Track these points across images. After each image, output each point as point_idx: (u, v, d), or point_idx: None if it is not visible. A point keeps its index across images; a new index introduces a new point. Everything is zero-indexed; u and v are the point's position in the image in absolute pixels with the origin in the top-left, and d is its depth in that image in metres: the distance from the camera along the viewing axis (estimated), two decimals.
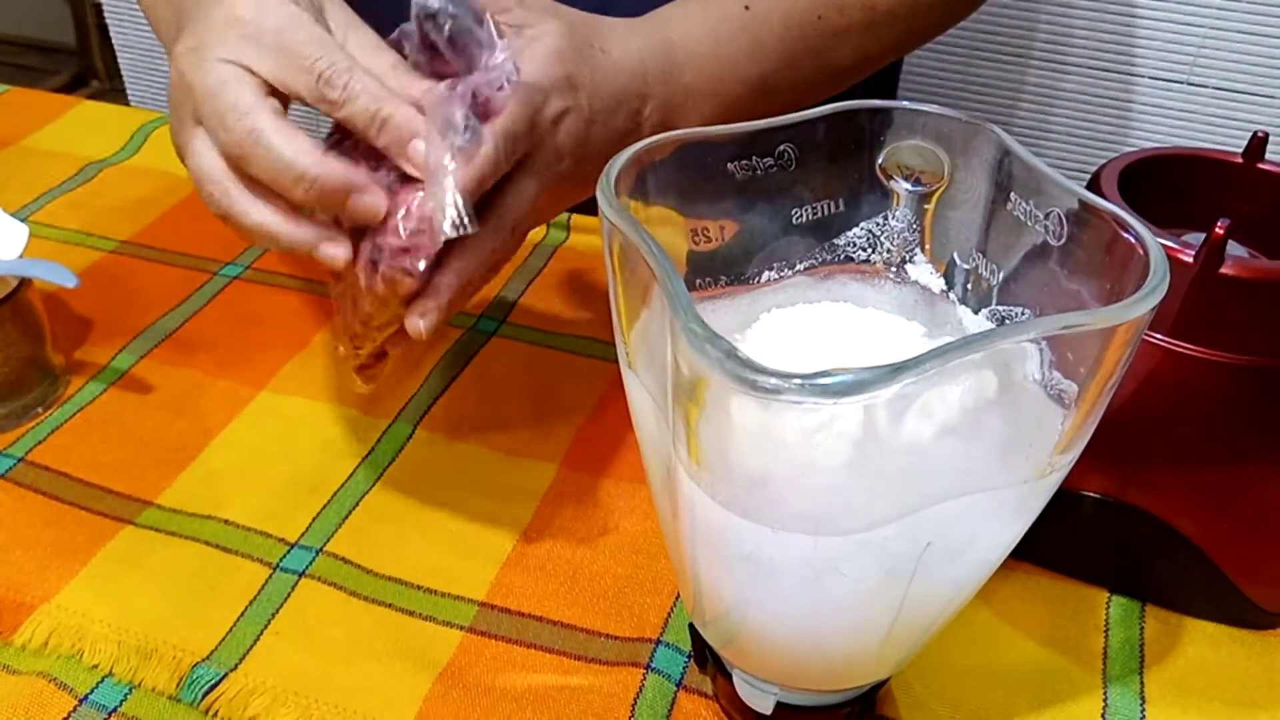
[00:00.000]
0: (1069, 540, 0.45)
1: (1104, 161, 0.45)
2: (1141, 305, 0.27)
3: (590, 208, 0.69)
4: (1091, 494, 0.44)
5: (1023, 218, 0.33)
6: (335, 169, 0.38)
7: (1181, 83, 0.98)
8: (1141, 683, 0.43)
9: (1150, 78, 0.99)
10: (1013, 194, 0.34)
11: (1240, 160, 0.45)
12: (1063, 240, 0.32)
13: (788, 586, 0.31)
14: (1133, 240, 0.30)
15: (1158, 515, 0.43)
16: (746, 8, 0.51)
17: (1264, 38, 0.92)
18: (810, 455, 0.27)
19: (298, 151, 0.38)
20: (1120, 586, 0.47)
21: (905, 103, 0.36)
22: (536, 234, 0.71)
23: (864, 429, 0.27)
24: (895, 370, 0.24)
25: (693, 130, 0.34)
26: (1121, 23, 0.97)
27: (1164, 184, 0.45)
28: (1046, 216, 0.32)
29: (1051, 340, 0.29)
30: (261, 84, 0.39)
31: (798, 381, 0.24)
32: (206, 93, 0.39)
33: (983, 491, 0.29)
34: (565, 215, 0.71)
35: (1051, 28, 1.00)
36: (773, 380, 0.24)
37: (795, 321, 0.36)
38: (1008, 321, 0.35)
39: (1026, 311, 0.34)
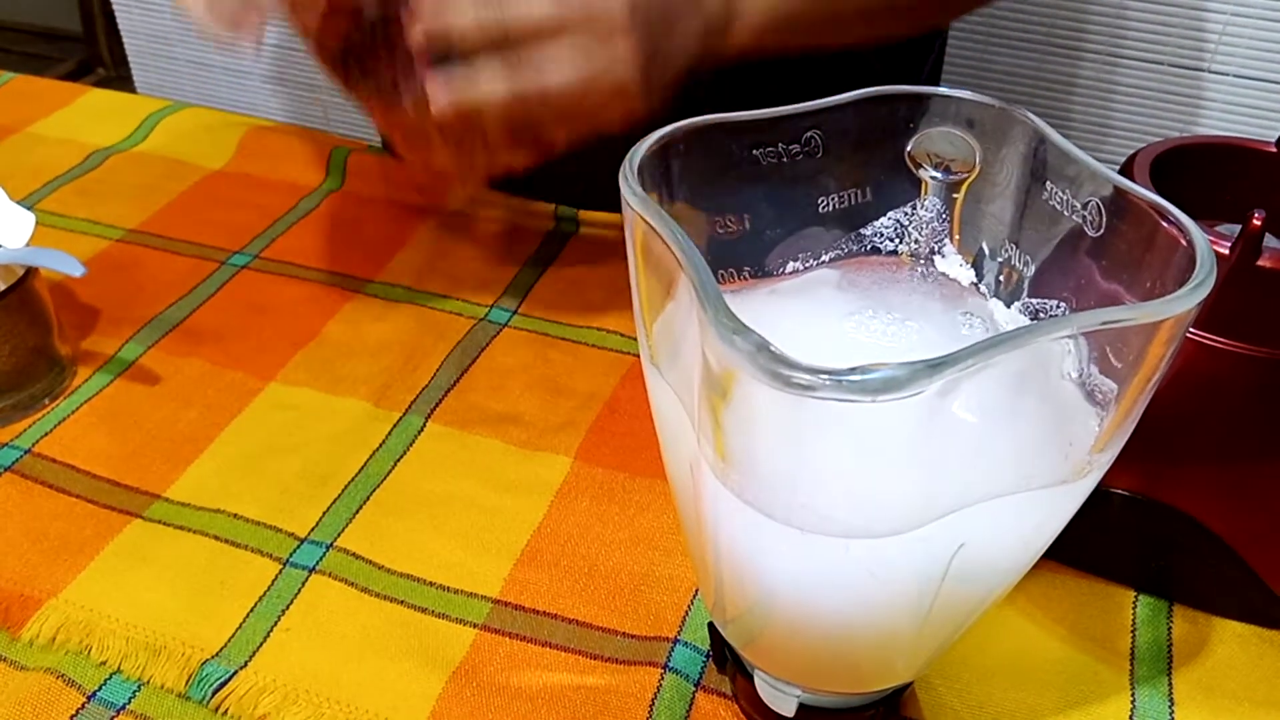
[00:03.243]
0: (1096, 538, 0.44)
1: (1123, 150, 0.44)
2: (1188, 300, 0.26)
3: (600, 204, 0.69)
4: (1119, 491, 0.43)
5: (1059, 207, 0.32)
6: None
7: (1202, 70, 0.96)
8: (1170, 683, 0.42)
9: (1170, 65, 0.97)
10: (1048, 183, 0.33)
11: (1275, 150, 0.44)
12: (1100, 231, 0.31)
13: (815, 588, 0.30)
14: (1175, 231, 0.29)
15: (1187, 512, 0.42)
16: None
17: None
18: (843, 455, 0.26)
19: None
20: (1148, 585, 0.46)
21: (935, 88, 0.35)
22: (548, 225, 0.70)
23: (900, 427, 0.26)
24: (934, 366, 0.23)
25: (717, 115, 0.33)
26: (1141, 9, 0.96)
27: (1194, 174, 0.44)
28: (1084, 206, 0.31)
29: (1091, 336, 0.27)
30: None
31: (832, 378, 0.23)
32: None
33: (1019, 492, 0.28)
34: (574, 210, 0.70)
35: (1070, 16, 0.99)
36: (806, 376, 0.23)
37: (823, 315, 0.35)
38: (1042, 316, 0.34)
39: (1062, 305, 0.33)
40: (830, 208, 0.36)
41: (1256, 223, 0.36)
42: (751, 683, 0.38)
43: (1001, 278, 0.36)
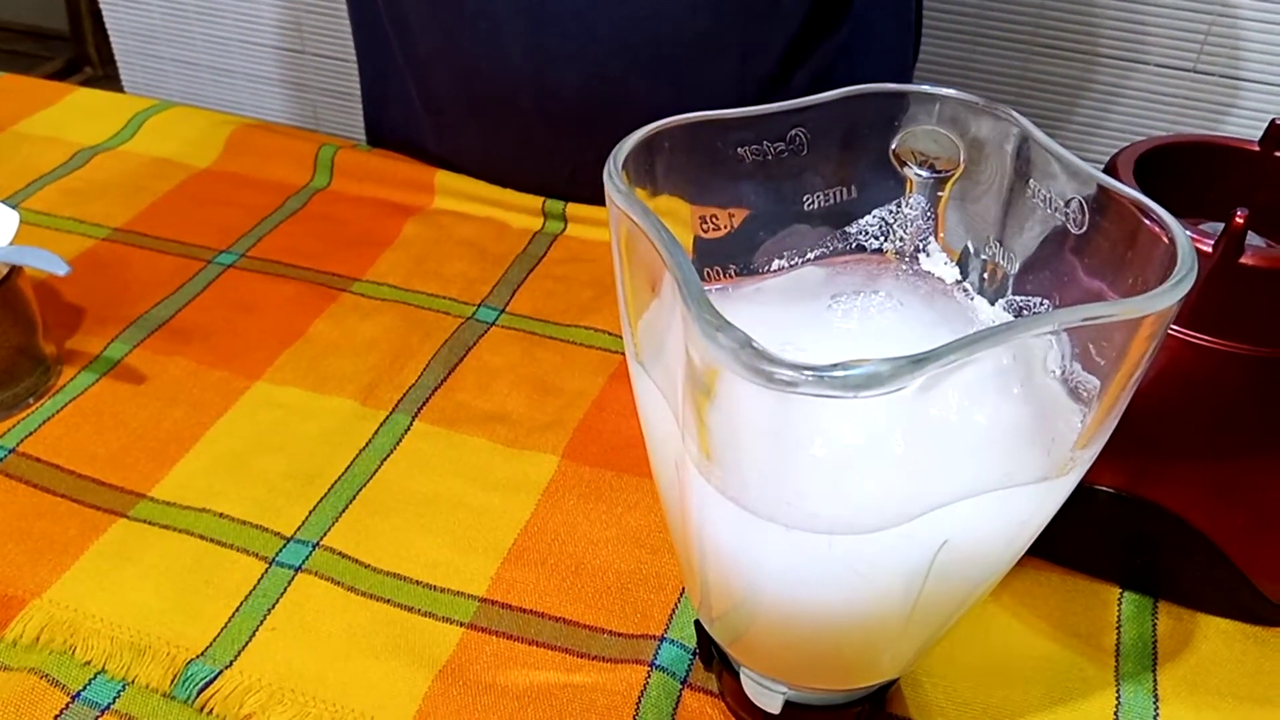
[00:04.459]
0: (1081, 535, 0.45)
1: (1108, 150, 0.44)
2: (1169, 296, 0.26)
3: (587, 196, 0.70)
4: (1104, 488, 0.43)
5: (1042, 205, 0.32)
6: None
7: (1189, 70, 0.97)
8: (1155, 679, 0.42)
9: (1156, 65, 0.98)
10: (1031, 180, 0.33)
11: (1258, 149, 0.44)
12: (1084, 228, 0.31)
13: (800, 584, 0.30)
14: (1157, 229, 0.29)
15: (1171, 510, 0.42)
16: None
17: (1272, 24, 0.91)
18: (825, 451, 0.26)
19: None
20: (1133, 582, 0.46)
21: (921, 86, 0.35)
22: (535, 224, 0.70)
23: (883, 424, 0.26)
24: (916, 362, 0.23)
25: (703, 113, 0.33)
26: (1126, 9, 0.96)
27: (1178, 172, 0.44)
28: (1067, 204, 0.31)
29: (1073, 332, 0.28)
30: None
31: (815, 374, 0.23)
32: None
33: (1002, 489, 0.28)
34: (561, 205, 0.70)
35: (1054, 16, 0.99)
36: (788, 372, 0.23)
37: (808, 312, 0.36)
38: (1026, 313, 0.34)
39: (1045, 302, 0.33)
40: (815, 205, 0.36)
41: (1239, 221, 0.36)
42: (738, 680, 0.38)
43: (986, 275, 0.36)
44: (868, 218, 0.37)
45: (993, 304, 0.35)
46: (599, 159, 0.31)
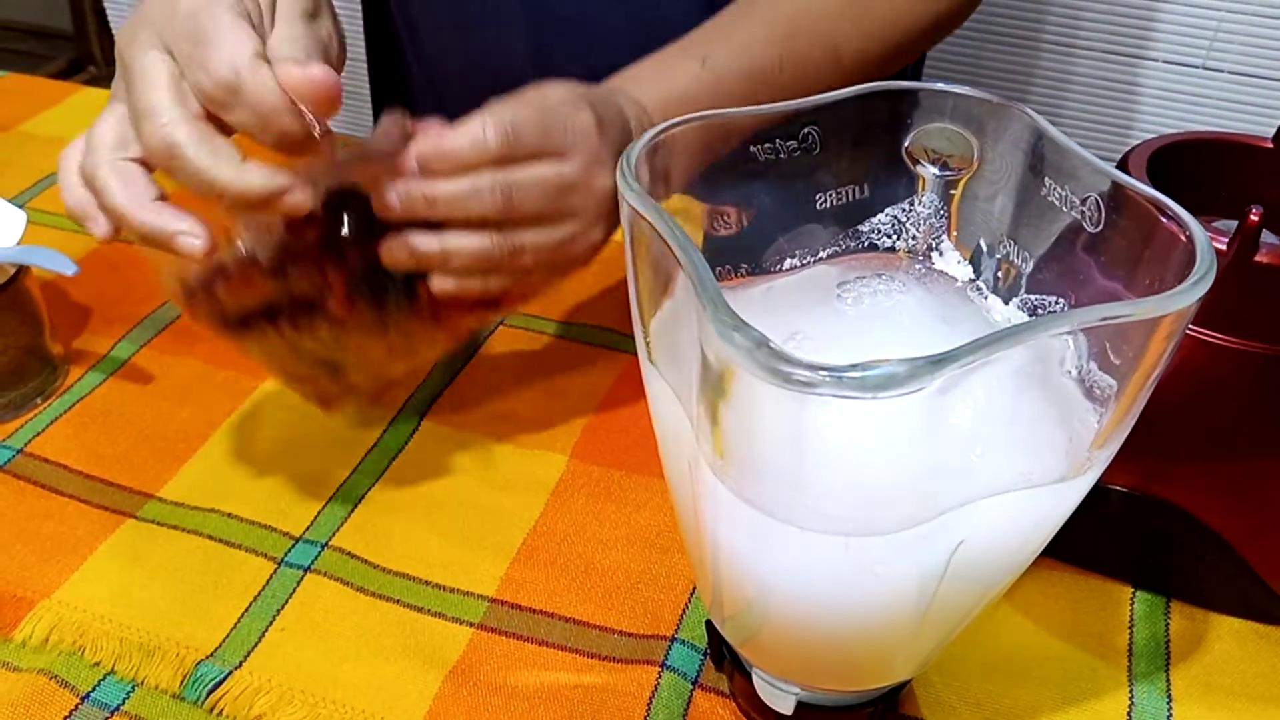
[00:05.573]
0: (1093, 534, 0.44)
1: (1118, 147, 0.44)
2: (1188, 295, 0.26)
3: None
4: (1117, 487, 0.43)
5: (1057, 203, 0.32)
6: (253, 178, 0.39)
7: (1198, 67, 0.96)
8: (1168, 679, 0.42)
9: (1165, 61, 0.97)
10: (1045, 178, 0.33)
11: (1271, 145, 0.44)
12: (1099, 226, 0.31)
13: (814, 586, 0.30)
14: (1175, 227, 0.28)
15: (1184, 508, 0.42)
16: (703, 63, 0.50)
17: None
18: (842, 452, 0.26)
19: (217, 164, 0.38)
20: (1145, 581, 0.46)
21: (933, 84, 0.35)
22: None
23: (899, 424, 0.25)
24: (934, 363, 0.23)
25: (715, 112, 0.33)
26: (1136, 6, 0.96)
27: (1189, 170, 0.44)
28: (1083, 202, 0.31)
29: (1091, 332, 0.27)
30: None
31: (832, 374, 0.23)
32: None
33: (1018, 489, 0.28)
34: None
35: (1063, 11, 0.99)
36: (805, 373, 0.23)
37: (818, 309, 0.35)
38: (1040, 312, 0.34)
39: (1061, 301, 0.33)
40: (828, 204, 0.36)
41: (1254, 218, 0.36)
42: (749, 681, 0.38)
43: (1000, 274, 0.36)
44: (880, 216, 0.37)
45: (1007, 303, 0.35)
46: None
